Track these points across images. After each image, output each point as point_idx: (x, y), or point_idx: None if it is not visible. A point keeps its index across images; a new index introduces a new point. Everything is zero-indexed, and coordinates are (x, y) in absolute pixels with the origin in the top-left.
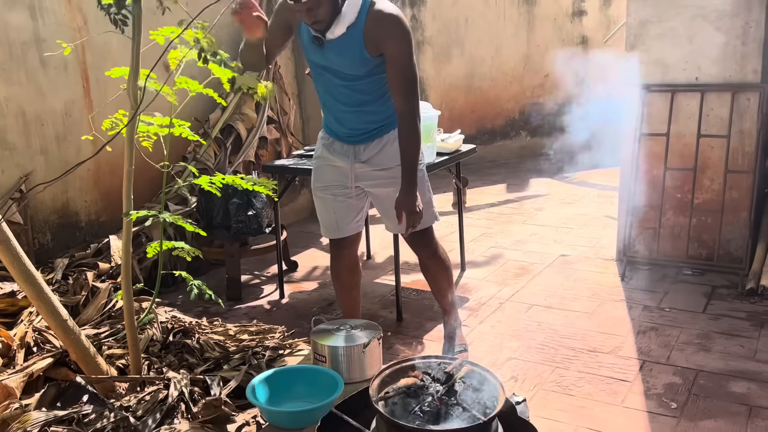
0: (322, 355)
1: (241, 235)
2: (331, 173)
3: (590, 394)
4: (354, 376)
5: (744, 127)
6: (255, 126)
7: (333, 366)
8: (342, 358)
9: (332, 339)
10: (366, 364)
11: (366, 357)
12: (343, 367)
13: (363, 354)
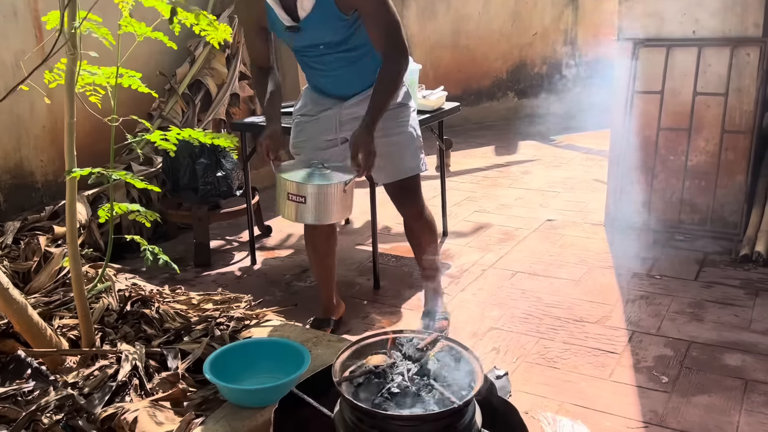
0: (300, 195)
1: (209, 197)
2: (315, 126)
3: (576, 366)
4: (334, 217)
5: (743, 84)
6: (226, 82)
7: (316, 208)
8: (324, 198)
9: (306, 177)
10: (346, 205)
11: (348, 197)
12: (326, 208)
13: (345, 194)
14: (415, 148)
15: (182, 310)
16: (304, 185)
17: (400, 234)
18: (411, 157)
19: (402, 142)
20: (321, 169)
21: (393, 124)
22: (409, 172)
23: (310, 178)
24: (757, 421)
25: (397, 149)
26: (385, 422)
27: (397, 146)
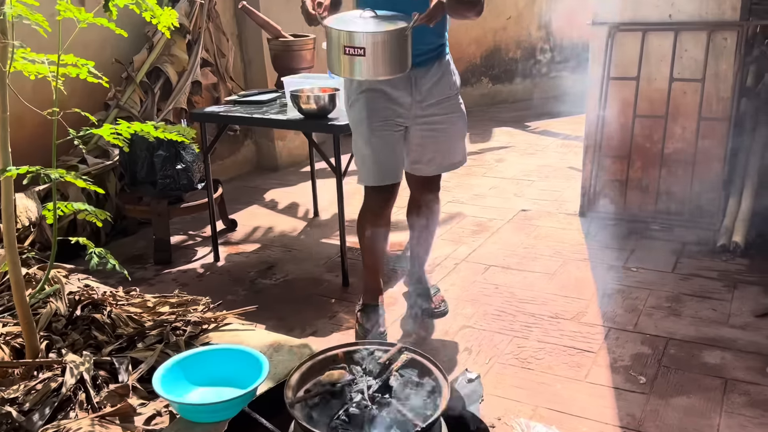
0: (358, 47)
1: (169, 191)
2: (389, 106)
3: (551, 367)
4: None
5: (720, 69)
6: (187, 69)
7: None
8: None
9: (362, 26)
10: (406, 55)
11: (408, 45)
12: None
13: (406, 41)
14: (464, 138)
15: (136, 314)
16: (362, 34)
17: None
18: (462, 147)
19: (455, 132)
20: (375, 18)
21: (447, 109)
22: (458, 164)
23: (365, 26)
24: (737, 424)
25: (454, 137)
26: None
27: (449, 135)
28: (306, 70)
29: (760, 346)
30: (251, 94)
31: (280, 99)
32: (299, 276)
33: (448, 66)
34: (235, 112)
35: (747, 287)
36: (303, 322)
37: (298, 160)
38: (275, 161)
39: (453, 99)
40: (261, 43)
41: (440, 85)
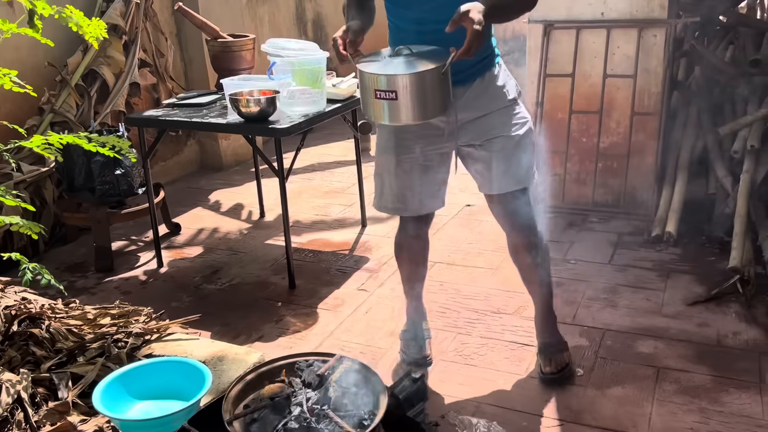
0: (389, 90)
1: (108, 197)
2: (420, 133)
3: (493, 362)
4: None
5: (650, 66)
6: (124, 70)
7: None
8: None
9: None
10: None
11: (446, 84)
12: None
13: (443, 80)
14: (532, 152)
15: (77, 327)
16: (394, 77)
17: (318, 225)
18: (530, 162)
19: (522, 143)
20: (408, 57)
21: (498, 122)
22: (527, 181)
23: (397, 67)
24: (668, 411)
25: (515, 151)
26: None
27: (515, 147)
28: (246, 70)
29: (690, 335)
30: (190, 96)
31: (221, 101)
32: (245, 280)
33: (496, 76)
34: (173, 116)
35: (679, 276)
36: (249, 327)
37: (243, 158)
38: (219, 161)
39: (506, 110)
40: (201, 42)
41: (484, 97)
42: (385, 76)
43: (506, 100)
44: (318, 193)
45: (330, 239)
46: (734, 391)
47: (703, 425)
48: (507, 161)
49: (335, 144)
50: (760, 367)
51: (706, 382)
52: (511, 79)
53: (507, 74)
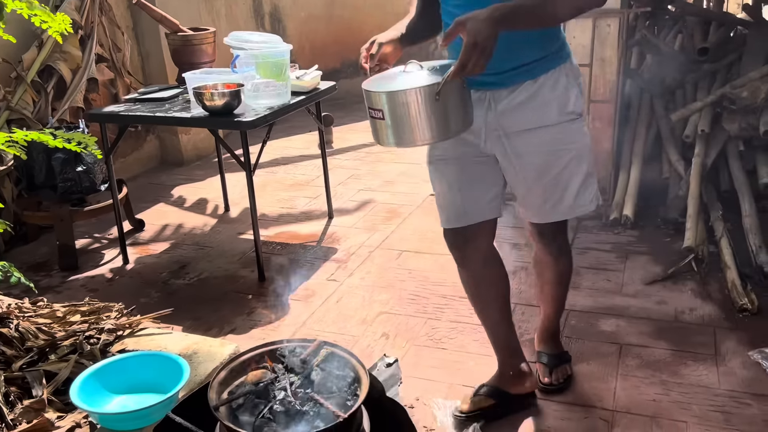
0: (377, 108)
1: (70, 195)
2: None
3: (463, 345)
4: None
5: (605, 55)
6: (81, 66)
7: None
8: (405, 110)
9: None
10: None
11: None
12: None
13: (437, 103)
14: (586, 178)
15: (46, 325)
16: (378, 94)
17: (284, 218)
18: (581, 191)
19: (571, 169)
20: (420, 72)
21: (545, 140)
22: (571, 213)
23: (391, 84)
24: (631, 386)
25: (562, 178)
26: None
27: (563, 174)
28: (207, 64)
29: (650, 312)
30: (152, 90)
31: (183, 95)
32: (213, 274)
33: (555, 81)
34: (136, 111)
35: (637, 257)
36: (221, 320)
37: (204, 153)
38: (180, 156)
39: (558, 129)
40: (158, 36)
41: (528, 109)
42: (371, 93)
43: (565, 113)
44: (282, 186)
45: (297, 231)
46: (692, 363)
47: (665, 396)
48: (555, 188)
49: (297, 137)
50: (716, 341)
51: (666, 356)
52: (575, 88)
53: (573, 82)
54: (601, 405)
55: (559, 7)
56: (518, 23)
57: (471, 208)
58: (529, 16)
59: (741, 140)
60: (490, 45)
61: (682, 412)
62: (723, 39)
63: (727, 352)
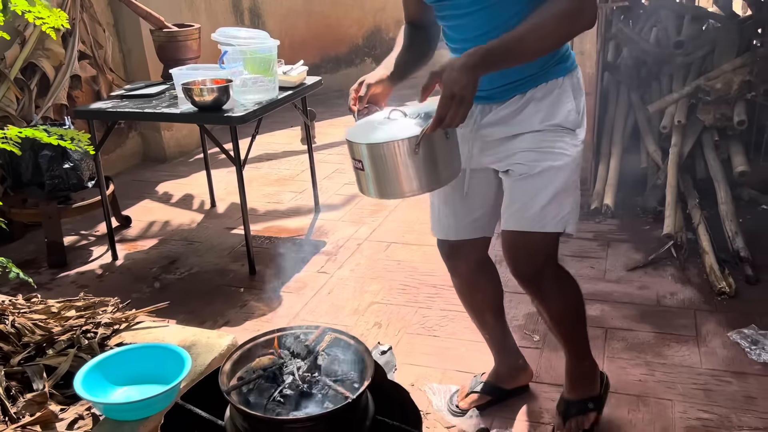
0: (357, 159)
1: (57, 192)
2: None
3: (454, 333)
4: (403, 189)
5: (585, 48)
6: (64, 63)
7: (376, 177)
8: (383, 162)
9: (369, 133)
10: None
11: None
12: (387, 178)
13: (417, 153)
14: (559, 193)
15: (42, 321)
16: (358, 146)
17: (271, 213)
18: (551, 203)
19: (543, 178)
20: (400, 120)
21: (539, 146)
22: (536, 225)
23: (373, 132)
24: (618, 367)
25: (531, 186)
26: (280, 427)
27: (533, 181)
28: (193, 60)
29: (633, 297)
30: (138, 87)
31: (169, 91)
32: (204, 268)
33: (541, 98)
34: (124, 108)
35: (619, 245)
36: (214, 313)
37: (186, 149)
38: (163, 152)
39: (539, 135)
40: (140, 32)
41: (510, 123)
42: (352, 144)
43: (548, 123)
44: (268, 182)
45: (285, 226)
46: (675, 345)
47: (650, 377)
48: (523, 194)
49: (278, 132)
50: (696, 323)
51: (650, 338)
52: (570, 103)
53: (568, 97)
54: None
55: (542, 41)
56: (498, 65)
57: (457, 224)
58: (510, 55)
59: (716, 130)
60: (468, 94)
61: (667, 390)
62: (696, 32)
63: (708, 334)
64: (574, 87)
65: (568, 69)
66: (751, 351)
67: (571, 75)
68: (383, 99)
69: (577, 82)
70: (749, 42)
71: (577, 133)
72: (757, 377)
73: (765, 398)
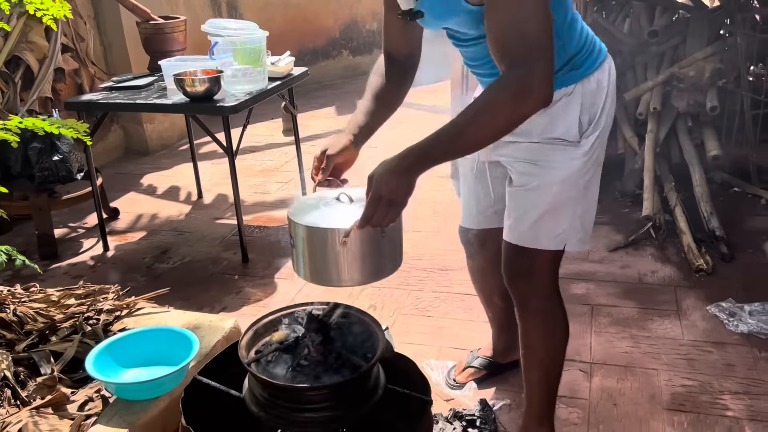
0: (291, 236)
1: (47, 184)
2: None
3: (447, 312)
4: (330, 278)
5: None
6: (48, 56)
7: (305, 258)
8: (313, 247)
9: (316, 214)
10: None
11: (351, 253)
12: (315, 263)
13: (344, 245)
14: (554, 209)
15: (43, 309)
16: (294, 224)
17: (258, 203)
18: (544, 220)
19: (537, 193)
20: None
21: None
22: (530, 241)
23: (313, 212)
24: (605, 340)
25: (526, 200)
26: (301, 394)
27: (528, 195)
28: (179, 52)
29: (616, 276)
30: (126, 78)
31: (158, 83)
32: (196, 257)
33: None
34: (115, 99)
35: (600, 227)
36: (211, 299)
37: (168, 142)
38: (145, 145)
39: (536, 147)
40: (120, 25)
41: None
42: (289, 220)
43: (546, 137)
44: (252, 173)
45: (273, 215)
46: (657, 319)
47: (636, 348)
48: (517, 207)
49: (260, 125)
50: (677, 298)
51: (634, 313)
52: (575, 114)
53: (574, 107)
54: (579, 359)
55: (483, 131)
56: (438, 162)
57: (478, 214)
58: (450, 152)
59: (689, 116)
60: (398, 197)
61: (652, 361)
62: (668, 22)
63: (688, 308)
64: (586, 94)
65: (582, 75)
66: (729, 322)
67: (586, 81)
68: (347, 167)
69: (595, 87)
70: (719, 31)
71: (581, 144)
72: (735, 346)
73: (743, 365)
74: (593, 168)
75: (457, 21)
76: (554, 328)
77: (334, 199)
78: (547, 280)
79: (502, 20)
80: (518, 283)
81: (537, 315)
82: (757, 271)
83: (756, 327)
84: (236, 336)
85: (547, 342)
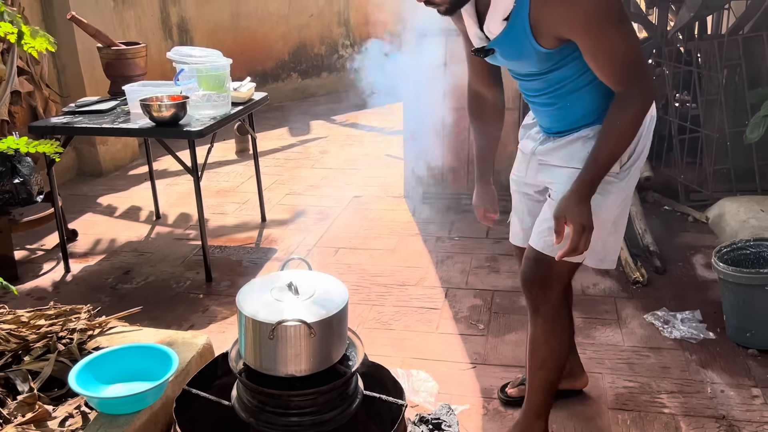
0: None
1: (8, 206)
2: (519, 160)
3: (408, 325)
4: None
5: None
6: (4, 79)
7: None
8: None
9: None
10: (279, 355)
11: (281, 347)
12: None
13: (270, 341)
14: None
15: (14, 330)
16: (238, 304)
17: (217, 222)
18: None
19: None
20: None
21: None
22: (542, 245)
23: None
24: None
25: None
26: (289, 400)
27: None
28: (140, 77)
29: None
30: (90, 102)
31: (120, 107)
32: (159, 277)
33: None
34: (80, 123)
35: None
36: (178, 318)
37: (121, 163)
38: (99, 167)
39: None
40: (75, 48)
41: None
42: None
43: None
44: (209, 193)
45: (233, 235)
46: (600, 327)
47: (582, 354)
48: (543, 213)
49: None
50: (617, 308)
51: (579, 323)
52: None
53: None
54: None
55: (625, 141)
56: (599, 180)
57: (523, 232)
58: (606, 169)
59: None
60: (589, 222)
61: (597, 365)
62: None
63: (627, 317)
64: None
65: None
66: (664, 329)
67: None
68: (494, 200)
69: None
70: None
71: (619, 175)
72: (669, 351)
73: (677, 367)
74: (627, 198)
75: (528, 61)
76: (561, 333)
77: (285, 286)
78: (559, 290)
79: (609, 55)
80: (532, 289)
81: (546, 321)
82: (687, 282)
83: (687, 333)
84: (209, 352)
85: (552, 345)
